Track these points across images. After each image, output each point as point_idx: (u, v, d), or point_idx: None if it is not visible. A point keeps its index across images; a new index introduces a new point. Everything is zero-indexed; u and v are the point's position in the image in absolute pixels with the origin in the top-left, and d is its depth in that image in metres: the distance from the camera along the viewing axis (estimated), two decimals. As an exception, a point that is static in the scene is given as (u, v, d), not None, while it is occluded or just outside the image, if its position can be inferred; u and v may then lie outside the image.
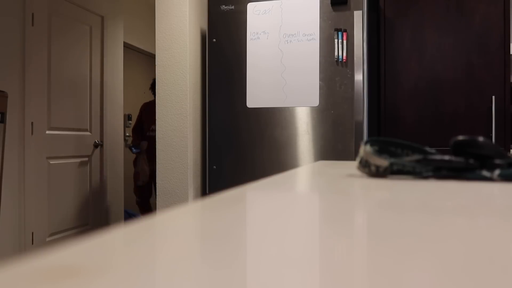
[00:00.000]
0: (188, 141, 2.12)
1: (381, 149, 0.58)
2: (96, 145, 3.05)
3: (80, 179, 2.91)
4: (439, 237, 0.21)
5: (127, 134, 4.01)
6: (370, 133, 2.06)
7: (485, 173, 0.50)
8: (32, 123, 2.62)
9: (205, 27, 2.34)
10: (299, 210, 0.29)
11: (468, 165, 0.51)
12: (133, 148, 3.17)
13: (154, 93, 3.09)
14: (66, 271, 0.15)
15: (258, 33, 2.04)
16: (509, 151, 2.09)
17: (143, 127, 3.25)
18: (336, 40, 1.92)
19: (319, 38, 1.96)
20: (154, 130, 3.08)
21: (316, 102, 1.96)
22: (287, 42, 2.00)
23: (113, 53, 3.23)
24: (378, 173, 0.55)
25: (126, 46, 3.85)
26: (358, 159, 0.58)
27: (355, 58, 1.89)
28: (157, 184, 2.16)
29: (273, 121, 2.02)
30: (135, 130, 3.29)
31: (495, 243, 0.20)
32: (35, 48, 2.62)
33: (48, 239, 2.58)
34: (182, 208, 0.29)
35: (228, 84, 2.10)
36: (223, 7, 2.10)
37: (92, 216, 2.98)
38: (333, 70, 1.94)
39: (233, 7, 2.09)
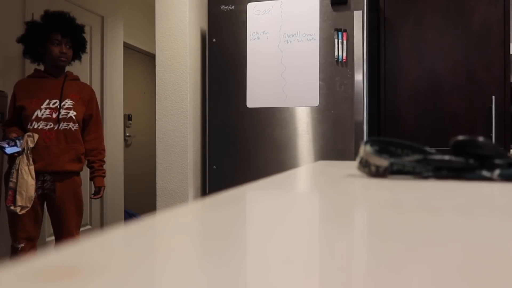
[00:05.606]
0: (188, 141, 2.12)
1: (381, 149, 0.58)
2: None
3: (80, 179, 2.90)
4: (439, 237, 0.21)
5: (127, 134, 4.01)
6: (370, 133, 2.06)
7: (485, 173, 0.50)
8: (32, 123, 2.62)
9: (205, 27, 2.34)
10: (299, 210, 0.29)
11: (468, 165, 0.51)
12: (6, 147, 1.75)
13: (32, 58, 1.99)
14: (66, 271, 0.15)
15: (258, 33, 2.04)
16: (509, 151, 2.09)
17: (21, 114, 1.88)
18: (336, 40, 1.92)
19: (319, 38, 1.96)
20: (57, 109, 1.88)
21: (316, 102, 1.96)
22: (287, 42, 2.00)
23: (113, 53, 3.23)
24: (378, 173, 0.55)
25: (126, 46, 3.85)
26: (358, 159, 0.58)
27: (355, 58, 1.89)
28: (157, 184, 2.15)
29: (273, 121, 2.02)
30: (10, 121, 1.94)
31: (495, 243, 0.20)
32: (35, 48, 2.61)
33: (48, 239, 2.58)
34: (182, 208, 0.29)
35: (228, 84, 2.10)
36: (223, 7, 2.10)
37: (92, 216, 2.98)
38: (333, 70, 1.94)
39: (233, 7, 2.09)
